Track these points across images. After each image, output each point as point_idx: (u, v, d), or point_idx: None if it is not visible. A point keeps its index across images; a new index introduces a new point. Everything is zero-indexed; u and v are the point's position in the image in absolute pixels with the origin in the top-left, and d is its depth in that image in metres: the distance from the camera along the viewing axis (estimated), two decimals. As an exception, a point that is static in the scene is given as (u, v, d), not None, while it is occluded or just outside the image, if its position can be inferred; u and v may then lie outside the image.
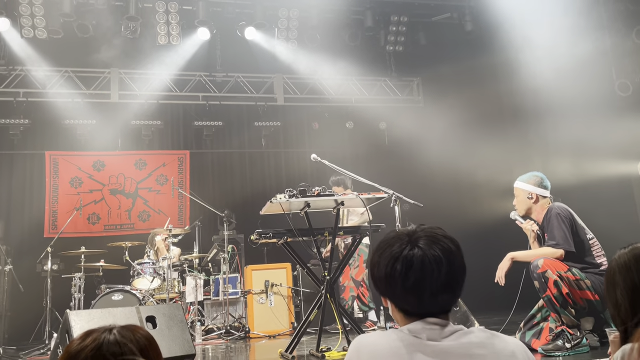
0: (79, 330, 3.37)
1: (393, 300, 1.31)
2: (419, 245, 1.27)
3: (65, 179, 8.40)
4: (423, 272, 1.25)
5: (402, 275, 1.25)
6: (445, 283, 1.26)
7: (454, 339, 1.23)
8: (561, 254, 3.64)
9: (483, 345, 1.22)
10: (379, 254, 1.32)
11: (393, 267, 1.27)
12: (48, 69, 8.19)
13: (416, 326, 1.25)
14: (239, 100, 9.17)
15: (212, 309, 6.86)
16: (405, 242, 1.29)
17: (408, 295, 1.27)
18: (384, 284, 1.29)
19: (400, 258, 1.27)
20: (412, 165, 8.73)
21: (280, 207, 4.50)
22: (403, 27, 8.79)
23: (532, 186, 3.91)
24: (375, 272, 1.31)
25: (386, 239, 1.35)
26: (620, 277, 1.35)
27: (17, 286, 6.39)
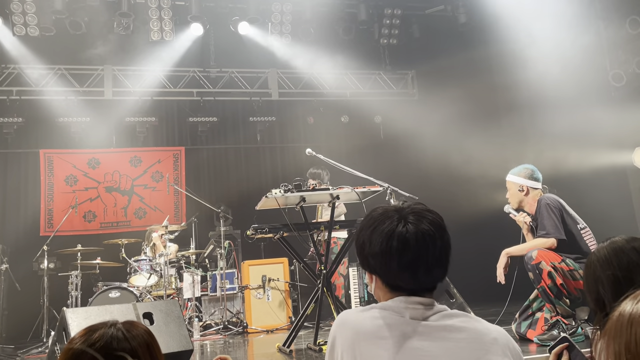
0: (76, 328, 3.37)
1: (386, 277, 1.30)
2: (410, 221, 1.28)
3: (60, 177, 8.37)
4: (418, 248, 1.25)
5: (398, 251, 1.25)
6: (438, 258, 1.27)
7: (437, 319, 1.23)
8: (552, 243, 3.66)
9: (465, 329, 1.22)
10: (370, 231, 1.30)
11: (388, 244, 1.26)
12: (41, 66, 8.15)
13: (399, 304, 1.25)
14: (234, 95, 9.14)
15: (209, 304, 6.87)
16: (395, 219, 1.29)
17: (404, 272, 1.27)
18: (378, 261, 1.28)
19: (395, 235, 1.26)
20: (407, 159, 8.74)
21: (276, 202, 4.50)
22: (397, 20, 8.77)
23: (523, 179, 3.93)
24: (367, 249, 1.30)
25: (374, 215, 1.33)
26: (602, 271, 1.36)
27: (13, 285, 6.40)
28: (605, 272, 1.35)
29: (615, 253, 1.37)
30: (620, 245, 1.39)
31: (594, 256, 1.43)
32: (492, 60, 8.22)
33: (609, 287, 1.33)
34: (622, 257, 1.36)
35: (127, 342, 1.14)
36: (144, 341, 1.16)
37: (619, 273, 1.33)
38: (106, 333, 1.14)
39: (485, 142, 7.97)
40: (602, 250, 1.40)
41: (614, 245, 1.39)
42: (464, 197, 8.09)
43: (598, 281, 1.36)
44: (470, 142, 8.13)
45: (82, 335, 1.15)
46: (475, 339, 1.21)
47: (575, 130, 6.86)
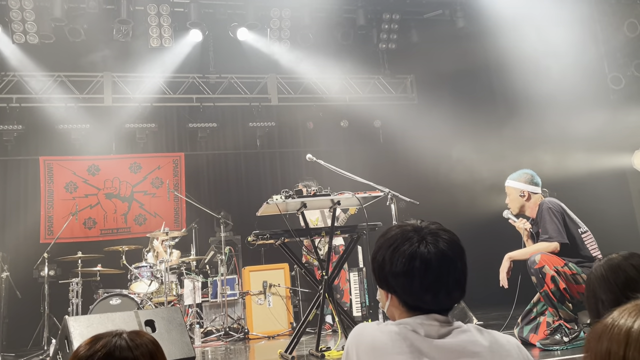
0: (78, 336, 3.36)
1: (405, 297, 1.30)
2: (430, 242, 1.29)
3: (60, 184, 8.37)
4: (440, 270, 1.27)
5: (420, 272, 1.26)
6: (458, 279, 1.29)
7: (452, 337, 1.24)
8: (555, 247, 3.66)
9: (480, 344, 1.23)
10: (391, 250, 1.31)
11: (411, 264, 1.27)
12: (41, 74, 8.16)
13: (415, 321, 1.26)
14: (233, 101, 9.16)
15: (210, 311, 6.86)
16: (415, 239, 1.30)
17: (425, 293, 1.28)
18: (400, 281, 1.29)
19: (418, 255, 1.27)
20: (407, 163, 8.75)
21: (277, 208, 4.50)
22: (395, 24, 8.80)
23: (523, 184, 3.93)
24: (387, 268, 1.30)
25: (392, 235, 1.34)
26: (601, 290, 1.36)
27: (14, 293, 6.38)
28: (604, 291, 1.35)
29: (612, 270, 1.37)
30: (617, 262, 1.39)
31: (592, 275, 1.43)
32: (490, 65, 8.25)
33: (609, 305, 1.33)
34: (620, 274, 1.36)
35: (130, 351, 1.14)
36: (147, 351, 1.17)
37: (618, 290, 1.33)
38: (109, 342, 1.14)
39: (485, 146, 7.98)
40: (599, 268, 1.40)
41: (611, 263, 1.39)
42: (464, 201, 8.10)
43: (598, 300, 1.36)
44: (469, 146, 8.14)
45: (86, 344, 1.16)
46: (490, 351, 1.22)
47: (574, 133, 6.88)
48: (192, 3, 7.94)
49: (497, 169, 7.32)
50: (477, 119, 8.23)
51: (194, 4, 7.94)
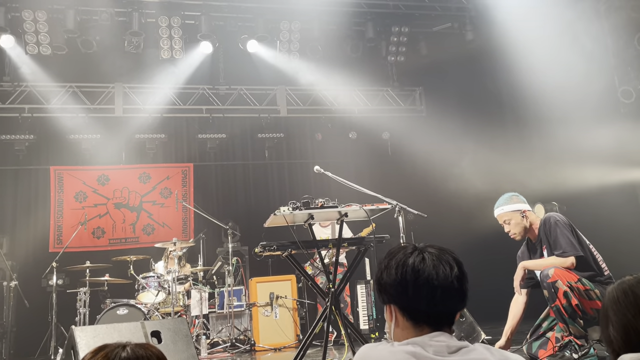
0: (84, 347, 3.37)
1: (403, 303, 1.32)
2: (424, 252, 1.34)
3: (70, 193, 8.43)
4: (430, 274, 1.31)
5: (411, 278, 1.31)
6: (452, 285, 1.31)
7: (461, 355, 1.23)
8: (572, 262, 3.56)
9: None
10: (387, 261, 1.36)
11: (403, 270, 1.31)
12: (52, 84, 8.26)
13: (423, 340, 1.26)
14: (242, 112, 9.21)
15: (217, 322, 6.84)
16: (409, 250, 1.36)
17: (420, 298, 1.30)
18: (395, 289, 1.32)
19: (409, 263, 1.31)
20: (416, 175, 8.72)
21: (284, 219, 4.50)
22: (404, 37, 8.83)
23: (518, 204, 3.86)
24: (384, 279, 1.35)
25: (391, 250, 1.40)
26: (612, 312, 1.35)
27: (22, 301, 6.41)
28: (615, 313, 1.34)
29: (624, 292, 1.36)
30: (629, 284, 1.38)
31: (605, 298, 1.42)
32: (499, 78, 8.23)
33: (619, 327, 1.32)
34: (630, 296, 1.35)
35: None
36: None
37: (628, 313, 1.32)
38: (111, 352, 1.15)
39: (494, 159, 7.95)
40: (612, 292, 1.39)
41: (623, 285, 1.38)
42: (473, 214, 8.04)
43: (609, 322, 1.35)
44: (478, 159, 8.11)
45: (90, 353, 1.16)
46: None
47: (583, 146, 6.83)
48: (202, 15, 8.03)
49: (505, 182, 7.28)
50: (486, 132, 8.20)
51: (205, 16, 8.03)
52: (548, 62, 7.48)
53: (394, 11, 8.71)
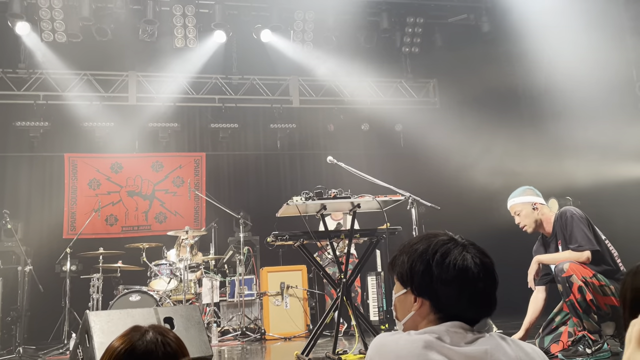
0: (98, 331, 3.41)
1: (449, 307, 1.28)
2: (477, 256, 1.30)
3: (83, 180, 8.51)
4: (486, 283, 1.28)
5: (472, 283, 1.27)
6: (493, 292, 1.31)
7: (478, 345, 1.22)
8: (587, 257, 3.52)
9: (505, 354, 1.21)
10: (440, 257, 1.29)
11: (464, 274, 1.27)
12: (67, 72, 8.30)
13: (440, 329, 1.25)
14: (255, 102, 9.21)
15: (228, 310, 6.89)
16: (460, 249, 1.30)
17: (471, 305, 1.28)
18: (449, 290, 1.27)
19: (470, 266, 1.27)
20: (428, 168, 8.67)
21: (297, 209, 4.50)
22: (419, 28, 8.76)
23: (530, 197, 3.82)
24: (436, 275, 1.28)
25: (436, 242, 1.32)
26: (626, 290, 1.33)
27: (36, 286, 6.48)
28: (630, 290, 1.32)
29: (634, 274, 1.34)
30: None
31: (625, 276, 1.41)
32: (515, 71, 8.14)
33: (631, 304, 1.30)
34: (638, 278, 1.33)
35: (154, 345, 1.15)
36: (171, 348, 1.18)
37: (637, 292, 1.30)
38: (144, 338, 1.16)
39: (507, 153, 7.88)
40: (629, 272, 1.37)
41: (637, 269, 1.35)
42: (486, 208, 7.99)
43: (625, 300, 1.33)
44: (492, 152, 8.05)
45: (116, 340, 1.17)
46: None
47: (600, 141, 6.75)
48: (216, 4, 8.02)
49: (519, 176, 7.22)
50: (500, 126, 8.12)
51: (219, 5, 8.02)
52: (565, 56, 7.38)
53: (409, 1, 8.63)
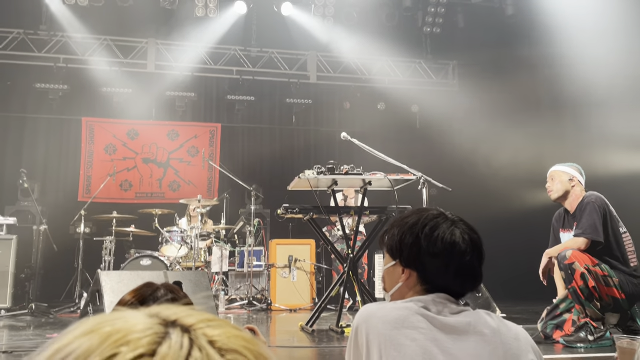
0: (109, 291, 3.50)
1: (437, 279, 1.31)
2: (466, 232, 1.32)
3: (100, 145, 8.61)
4: (472, 257, 1.30)
5: (459, 256, 1.29)
6: (480, 269, 1.33)
7: (462, 316, 1.26)
8: (582, 242, 3.58)
9: (488, 326, 1.24)
10: (429, 230, 1.31)
11: (451, 247, 1.29)
12: (88, 36, 8.33)
13: (426, 298, 1.28)
14: (272, 76, 9.18)
15: (235, 279, 7.01)
16: (449, 224, 1.32)
17: (457, 277, 1.30)
18: (437, 262, 1.30)
19: (458, 240, 1.29)
20: (442, 150, 8.63)
21: (308, 183, 4.53)
22: (442, 8, 8.62)
23: (574, 171, 3.86)
24: (424, 248, 1.30)
25: (426, 216, 1.34)
26: None
27: (50, 246, 6.63)
28: None
29: None
30: None
31: None
32: (537, 56, 8.00)
33: None
34: None
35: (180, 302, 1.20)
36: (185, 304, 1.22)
37: None
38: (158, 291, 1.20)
39: (524, 139, 7.80)
40: None
41: None
42: (498, 192, 7.97)
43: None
44: (508, 137, 7.98)
45: (128, 294, 1.21)
46: (497, 333, 1.24)
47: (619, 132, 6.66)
48: (239, -26, 7.96)
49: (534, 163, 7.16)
50: (519, 112, 8.03)
51: (241, -24, 7.96)
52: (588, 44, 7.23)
53: (433, -19, 8.49)
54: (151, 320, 0.42)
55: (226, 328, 0.43)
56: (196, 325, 0.42)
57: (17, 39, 8.19)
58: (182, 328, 0.42)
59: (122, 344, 0.39)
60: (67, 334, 0.42)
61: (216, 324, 0.43)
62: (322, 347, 3.86)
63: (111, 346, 0.39)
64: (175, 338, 0.41)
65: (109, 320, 0.42)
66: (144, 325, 0.41)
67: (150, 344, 0.40)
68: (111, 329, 0.41)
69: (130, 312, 0.44)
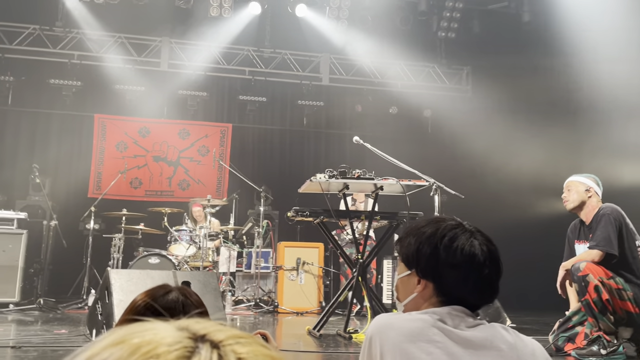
0: (118, 289, 3.49)
1: (455, 290, 1.28)
2: (484, 243, 1.29)
3: (111, 142, 8.64)
4: (491, 270, 1.28)
5: (478, 268, 1.27)
6: (497, 280, 1.31)
7: (479, 331, 1.24)
8: (596, 255, 3.52)
9: (505, 341, 1.23)
10: (448, 240, 1.28)
11: (471, 259, 1.26)
12: (102, 33, 8.36)
13: (442, 311, 1.26)
14: (284, 77, 9.17)
15: (243, 281, 6.99)
16: (468, 235, 1.29)
17: (475, 290, 1.28)
18: (456, 273, 1.27)
19: (478, 252, 1.27)
20: (454, 156, 8.57)
21: (320, 186, 4.51)
22: (457, 13, 8.57)
23: (591, 182, 3.80)
24: (443, 258, 1.27)
25: (444, 227, 1.31)
26: None
27: (60, 241, 6.66)
28: None
29: None
30: None
31: None
32: (553, 63, 7.92)
33: None
34: None
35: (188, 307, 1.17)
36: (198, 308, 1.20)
37: None
38: (170, 295, 1.18)
39: (538, 147, 7.72)
40: None
41: None
42: (510, 200, 7.89)
43: None
44: (522, 145, 7.90)
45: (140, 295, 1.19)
46: (514, 349, 1.22)
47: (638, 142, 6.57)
48: (254, -25, 7.96)
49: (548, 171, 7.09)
50: (533, 120, 7.95)
51: (256, -24, 7.96)
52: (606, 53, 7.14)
53: (449, -15, 8.44)
54: (181, 334, 0.42)
55: (255, 346, 0.43)
56: (226, 342, 0.42)
57: (32, 35, 8.24)
58: (211, 343, 0.42)
59: (151, 357, 0.40)
60: (97, 343, 0.42)
61: (245, 342, 0.43)
62: (329, 353, 3.83)
63: (140, 359, 0.39)
64: (205, 353, 0.41)
65: (139, 331, 0.42)
66: (173, 338, 0.42)
67: (179, 358, 0.40)
68: (141, 341, 0.41)
69: (160, 324, 0.44)
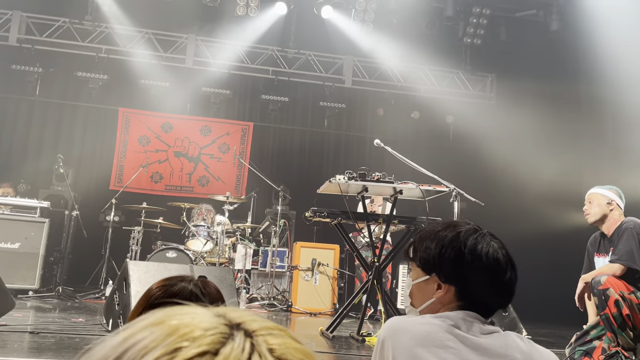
0: (135, 280, 3.53)
1: (478, 294, 1.28)
2: (502, 248, 1.31)
3: (134, 136, 8.76)
4: (511, 274, 1.30)
5: (501, 273, 1.28)
6: (515, 284, 1.32)
7: (493, 338, 1.23)
8: (618, 268, 3.46)
9: (520, 350, 1.21)
10: (472, 245, 1.28)
11: (496, 264, 1.27)
12: (130, 28, 8.49)
13: (456, 316, 1.25)
14: (307, 78, 9.18)
15: (258, 279, 7.01)
16: (488, 240, 1.30)
17: (497, 294, 1.29)
18: (481, 277, 1.28)
19: (500, 256, 1.28)
20: (475, 163, 8.49)
21: (339, 188, 4.51)
22: (484, 20, 8.49)
23: (613, 194, 3.73)
24: (467, 261, 1.27)
25: (465, 230, 1.31)
26: None
27: (80, 231, 6.76)
28: None
29: None
30: None
31: None
32: (580, 72, 7.79)
33: None
34: None
35: (204, 297, 1.18)
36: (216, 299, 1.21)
37: None
38: (185, 288, 1.18)
39: (561, 157, 7.61)
40: None
41: None
42: (531, 209, 7.78)
43: None
44: (544, 155, 7.79)
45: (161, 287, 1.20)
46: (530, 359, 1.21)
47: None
48: (281, -25, 8.00)
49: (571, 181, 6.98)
50: (557, 128, 7.84)
51: (284, -23, 8.00)
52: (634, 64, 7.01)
53: (477, -9, 8.37)
54: (217, 320, 0.44)
55: (287, 339, 0.44)
56: (259, 332, 0.44)
57: (62, 28, 8.39)
58: (245, 332, 0.43)
59: (186, 339, 0.41)
60: (135, 324, 0.44)
61: (278, 333, 0.45)
62: (342, 355, 3.82)
63: (176, 340, 0.41)
64: (239, 341, 0.42)
65: (178, 314, 0.44)
66: (210, 324, 0.43)
67: (214, 343, 0.41)
68: (179, 323, 0.42)
69: (199, 309, 0.45)
